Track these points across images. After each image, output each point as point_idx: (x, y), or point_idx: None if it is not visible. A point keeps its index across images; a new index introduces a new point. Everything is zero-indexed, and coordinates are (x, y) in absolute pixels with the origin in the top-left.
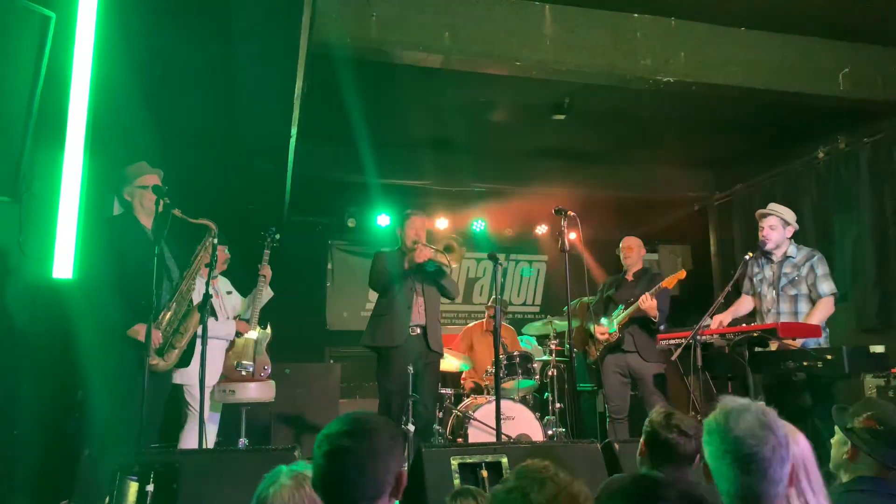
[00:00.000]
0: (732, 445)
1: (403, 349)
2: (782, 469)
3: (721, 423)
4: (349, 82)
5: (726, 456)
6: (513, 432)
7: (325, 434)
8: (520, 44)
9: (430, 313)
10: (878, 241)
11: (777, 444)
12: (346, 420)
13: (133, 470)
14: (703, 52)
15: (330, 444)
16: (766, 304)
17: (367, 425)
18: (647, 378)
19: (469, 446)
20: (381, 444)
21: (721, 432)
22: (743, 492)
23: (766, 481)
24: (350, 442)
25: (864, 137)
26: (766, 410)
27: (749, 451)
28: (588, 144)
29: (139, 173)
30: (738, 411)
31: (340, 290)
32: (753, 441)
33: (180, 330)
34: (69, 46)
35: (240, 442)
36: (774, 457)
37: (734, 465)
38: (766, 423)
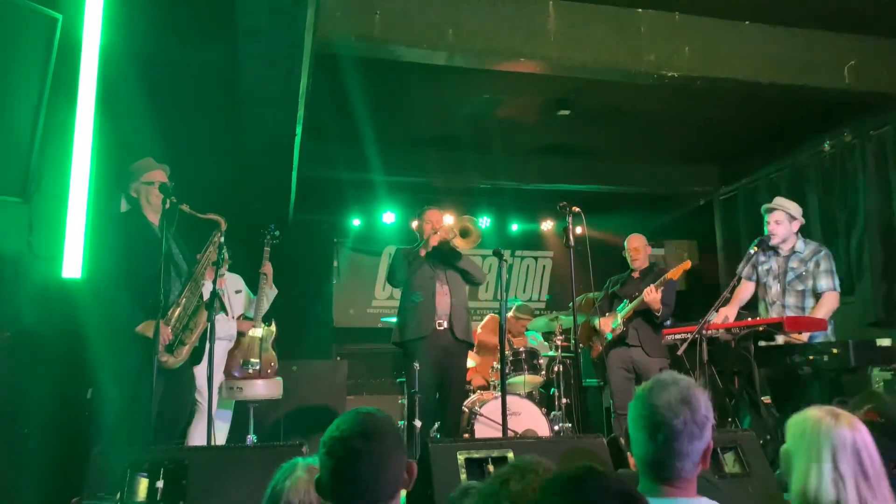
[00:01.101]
0: (647, 412)
1: (430, 341)
2: (690, 445)
3: (645, 391)
4: (354, 80)
5: (639, 421)
6: (519, 428)
7: (335, 437)
8: (523, 40)
9: (456, 302)
10: (884, 234)
11: (691, 420)
12: (354, 421)
13: (143, 466)
14: (708, 46)
15: (344, 450)
16: (771, 295)
17: (375, 425)
18: (651, 373)
19: (475, 441)
20: (391, 442)
21: (641, 399)
22: (649, 458)
23: (673, 453)
24: (364, 444)
25: (870, 130)
26: (695, 389)
27: (659, 420)
28: (593, 140)
29: (145, 169)
30: (663, 383)
31: (347, 288)
32: (667, 412)
33: (190, 326)
34: (76, 47)
35: (248, 439)
36: (685, 430)
37: (644, 430)
38: (686, 398)
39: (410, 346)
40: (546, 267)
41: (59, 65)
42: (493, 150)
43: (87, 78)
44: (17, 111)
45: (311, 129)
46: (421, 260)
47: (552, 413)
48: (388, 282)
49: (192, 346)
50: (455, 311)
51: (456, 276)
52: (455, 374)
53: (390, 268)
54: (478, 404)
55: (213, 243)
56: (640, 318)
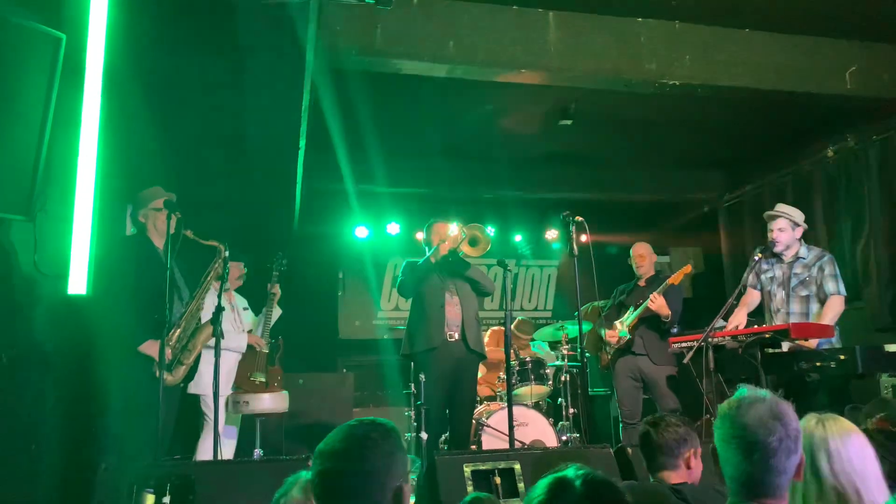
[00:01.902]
0: (740, 431)
1: (440, 353)
2: (787, 460)
3: (732, 408)
4: (357, 93)
5: (732, 441)
6: (527, 438)
7: (320, 451)
8: (524, 51)
9: (467, 313)
10: (890, 239)
11: (785, 435)
12: (340, 436)
13: (149, 482)
14: (708, 54)
15: (322, 465)
16: (776, 303)
17: (363, 442)
18: (658, 381)
19: (482, 453)
20: (376, 464)
21: (730, 418)
22: (745, 478)
23: (769, 471)
24: (342, 464)
25: (874, 135)
26: (781, 403)
27: (754, 439)
28: (596, 149)
29: (153, 197)
30: (751, 400)
31: (352, 300)
32: (761, 430)
33: (188, 347)
34: (80, 67)
35: (255, 453)
36: (781, 447)
37: (739, 450)
38: (777, 413)
39: (421, 357)
40: (551, 276)
41: (63, 83)
42: (497, 160)
43: (91, 97)
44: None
45: (316, 141)
46: (430, 270)
47: (559, 423)
48: (398, 293)
49: (189, 366)
50: (467, 322)
51: (465, 287)
52: (466, 385)
53: (400, 279)
54: (485, 415)
55: (214, 269)
56: (645, 327)
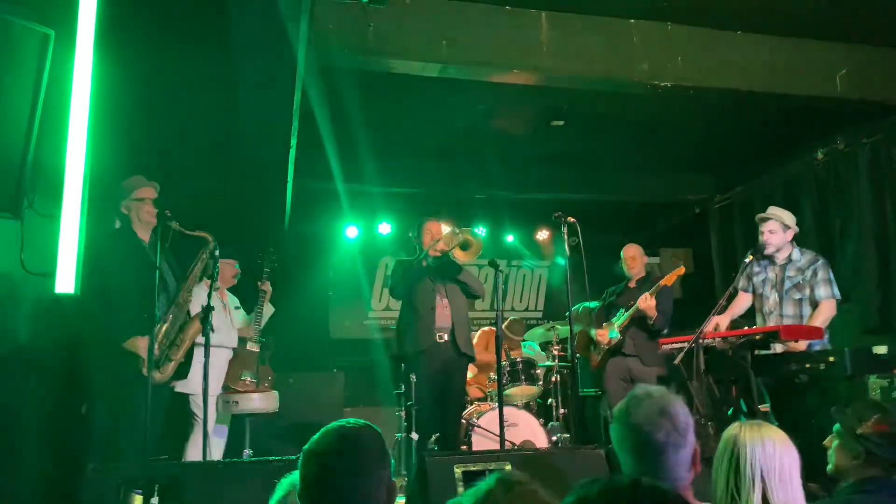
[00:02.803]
0: (630, 432)
1: (430, 354)
2: (676, 455)
3: (623, 410)
4: (348, 92)
5: (625, 443)
6: (517, 439)
7: (310, 451)
8: (517, 52)
9: (457, 315)
10: (879, 242)
11: (672, 429)
12: (332, 436)
13: (137, 483)
14: (700, 55)
15: (317, 465)
16: (769, 305)
17: (355, 442)
18: (649, 382)
19: (473, 454)
20: (370, 461)
21: (621, 419)
22: (642, 475)
23: (662, 466)
24: (338, 462)
25: (863, 138)
26: (670, 398)
27: (643, 438)
28: (587, 150)
29: (135, 186)
30: (637, 399)
31: (343, 300)
32: (648, 427)
33: (176, 342)
34: (69, 63)
35: (244, 453)
36: (668, 442)
37: (632, 451)
38: (663, 408)
39: (410, 359)
40: (542, 277)
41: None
42: (488, 160)
43: (79, 94)
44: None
45: (307, 140)
46: (421, 272)
47: (550, 423)
48: (390, 294)
49: (178, 362)
50: (456, 324)
51: (455, 289)
52: (455, 386)
53: (391, 280)
54: (475, 415)
55: (201, 260)
56: (636, 328)
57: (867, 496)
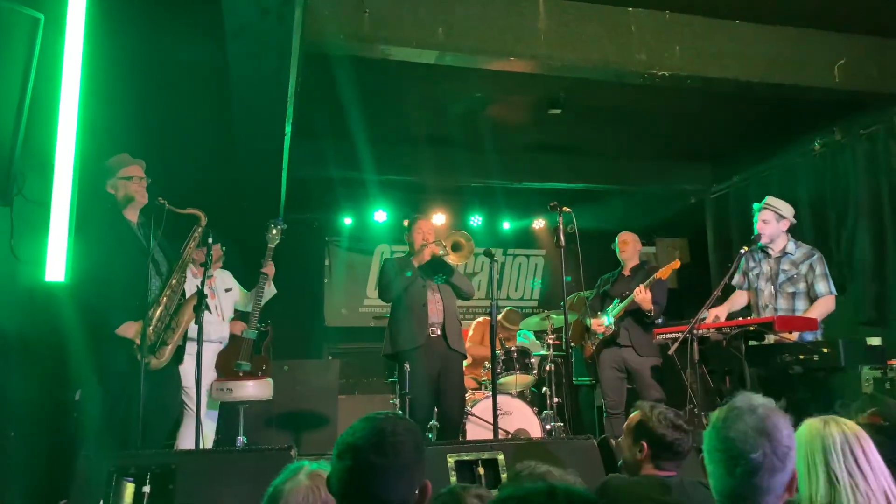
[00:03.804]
0: (723, 445)
1: (424, 350)
2: (772, 478)
3: (719, 420)
4: (344, 79)
5: (715, 454)
6: (511, 427)
7: (348, 444)
8: (514, 39)
9: (448, 311)
10: (874, 234)
11: (771, 452)
12: (372, 430)
13: (129, 471)
14: (698, 45)
15: (354, 460)
16: (764, 299)
17: (394, 438)
18: (642, 372)
19: (465, 443)
20: (407, 459)
21: (716, 430)
22: (729, 492)
23: (752, 488)
24: (376, 458)
25: (860, 129)
26: (773, 416)
27: (736, 454)
28: (584, 138)
29: (122, 164)
30: (739, 412)
31: (338, 287)
32: (744, 445)
33: (172, 325)
34: (59, 47)
35: (238, 440)
36: (765, 463)
37: (721, 464)
38: (764, 429)
39: (404, 356)
40: (538, 265)
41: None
42: (485, 148)
43: (70, 78)
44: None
45: (302, 128)
46: (413, 273)
47: (543, 412)
48: (380, 297)
49: (176, 345)
50: (448, 320)
51: (447, 288)
52: (454, 380)
53: (382, 282)
54: (469, 404)
55: (194, 238)
56: (630, 318)
57: None
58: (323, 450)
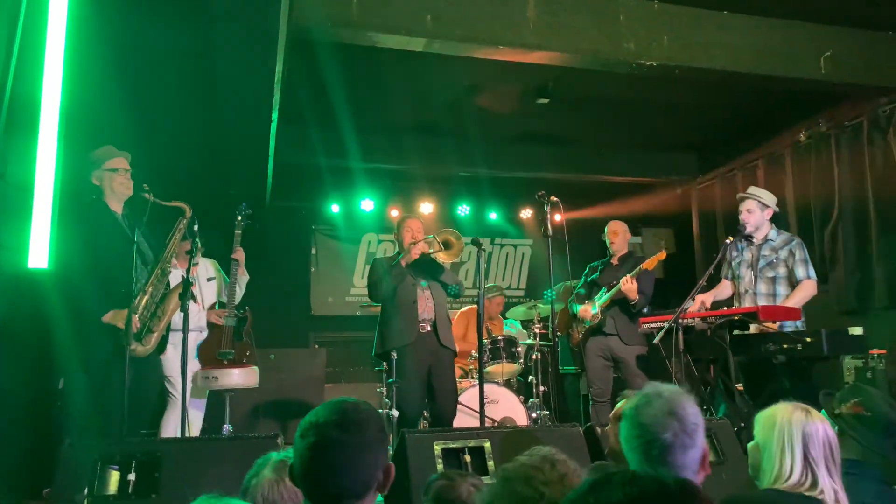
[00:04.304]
0: (638, 431)
1: (416, 346)
2: (684, 455)
3: (632, 410)
4: (331, 66)
5: (633, 442)
6: (497, 415)
7: (311, 422)
8: (503, 27)
9: (439, 307)
10: (857, 224)
11: (680, 430)
12: (334, 409)
13: (114, 459)
14: (686, 35)
15: (317, 436)
16: (744, 284)
17: (357, 415)
18: (628, 361)
19: (452, 431)
20: (370, 437)
21: (630, 419)
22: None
23: (667, 466)
24: (339, 434)
25: (845, 121)
26: (678, 398)
27: (651, 438)
28: (572, 128)
29: (107, 156)
30: (647, 399)
31: (324, 276)
32: (656, 428)
33: (157, 314)
34: (41, 30)
35: (224, 428)
36: (676, 443)
37: (638, 450)
38: (672, 410)
39: (397, 353)
40: (525, 255)
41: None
42: (472, 137)
43: (52, 62)
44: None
45: (289, 115)
46: (402, 273)
47: (530, 401)
48: (369, 297)
49: (161, 333)
50: (439, 316)
51: (437, 285)
52: (447, 376)
53: (371, 281)
54: None
55: (178, 230)
56: (617, 308)
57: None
58: None
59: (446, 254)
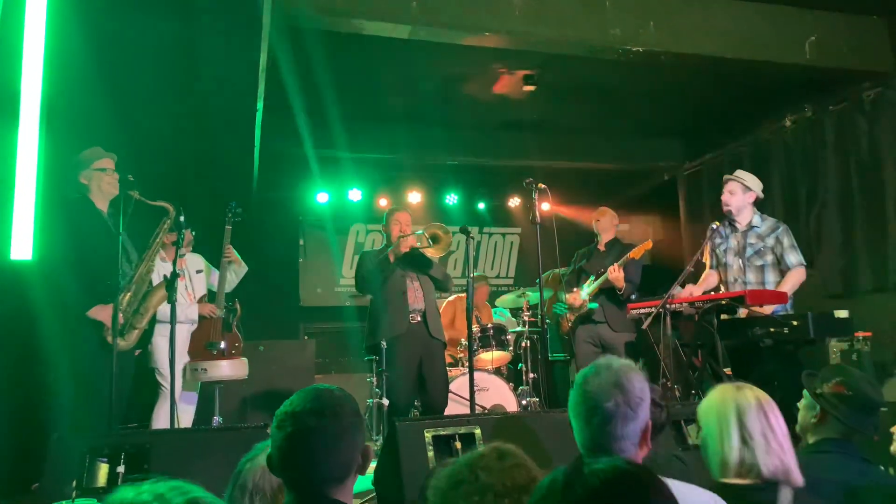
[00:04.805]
0: (582, 398)
1: (406, 338)
2: (625, 427)
3: (581, 378)
4: (317, 54)
5: (577, 408)
6: (487, 403)
7: (286, 412)
8: (489, 14)
9: (428, 299)
10: (843, 208)
11: (623, 401)
12: (309, 396)
13: (103, 451)
14: (673, 21)
15: (294, 425)
16: (733, 273)
17: (332, 402)
18: (617, 347)
19: (443, 418)
20: (347, 422)
21: (578, 387)
22: (588, 443)
23: (607, 435)
24: (316, 421)
25: (830, 105)
26: (627, 371)
27: (593, 406)
28: (559, 116)
29: (95, 157)
30: (597, 369)
31: (313, 267)
32: (600, 397)
33: (140, 310)
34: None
35: (214, 420)
36: (617, 413)
37: (581, 417)
38: (618, 381)
39: (387, 345)
40: (514, 243)
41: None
42: (460, 126)
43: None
44: None
45: (274, 105)
46: (390, 267)
47: (519, 388)
48: (357, 289)
49: (142, 330)
50: (428, 307)
51: (426, 278)
52: (438, 367)
53: (360, 275)
54: None
55: (163, 230)
56: (604, 295)
57: (823, 456)
58: None
59: (434, 248)
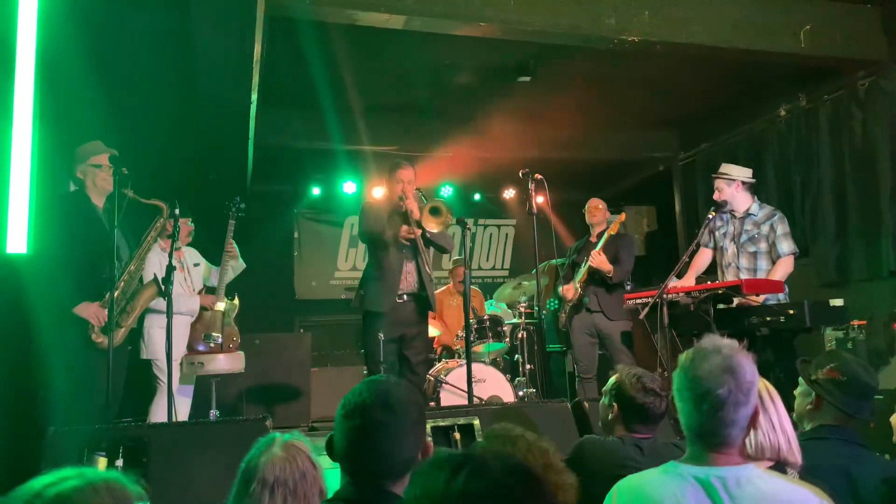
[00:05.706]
0: (691, 384)
1: (389, 316)
2: (736, 412)
3: (687, 361)
4: (310, 45)
5: (685, 393)
6: (484, 394)
7: (357, 403)
8: (483, 3)
9: (421, 282)
10: (837, 197)
11: (735, 388)
12: (377, 390)
13: (101, 445)
14: (667, 10)
15: (363, 417)
16: (727, 257)
17: (401, 398)
18: (613, 337)
19: (441, 409)
20: (413, 417)
21: (684, 370)
22: (697, 428)
23: (718, 422)
24: (385, 416)
25: (825, 95)
26: (736, 355)
27: (703, 391)
28: (553, 106)
29: (93, 152)
30: (705, 353)
31: (308, 260)
32: (710, 382)
33: (127, 309)
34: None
35: (211, 414)
36: (729, 399)
37: (690, 402)
38: (729, 366)
39: (370, 317)
40: (509, 235)
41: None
42: (454, 117)
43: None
44: None
45: (269, 96)
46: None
47: (516, 379)
48: (361, 238)
49: (129, 328)
50: (419, 291)
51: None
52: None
53: (367, 223)
54: (443, 372)
55: (155, 229)
56: (596, 284)
57: (820, 443)
58: (296, 422)
59: (435, 221)
